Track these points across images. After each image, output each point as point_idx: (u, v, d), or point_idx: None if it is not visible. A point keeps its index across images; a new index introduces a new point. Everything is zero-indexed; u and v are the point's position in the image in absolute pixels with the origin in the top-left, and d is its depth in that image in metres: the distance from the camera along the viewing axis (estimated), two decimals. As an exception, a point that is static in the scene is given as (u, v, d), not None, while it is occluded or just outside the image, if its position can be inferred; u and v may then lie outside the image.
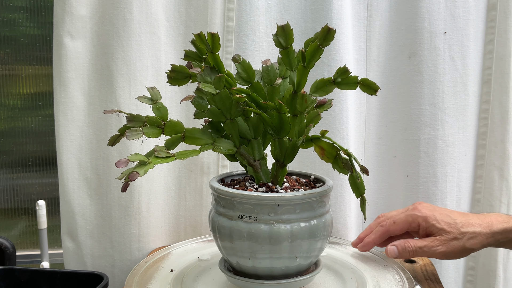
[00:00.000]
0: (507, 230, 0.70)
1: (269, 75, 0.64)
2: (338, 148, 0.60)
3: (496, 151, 0.97)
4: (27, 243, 1.15)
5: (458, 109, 0.94)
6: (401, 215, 0.73)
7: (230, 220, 0.59)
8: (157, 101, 0.61)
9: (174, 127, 0.60)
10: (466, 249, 0.70)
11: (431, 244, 0.70)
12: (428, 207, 0.73)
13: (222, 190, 0.59)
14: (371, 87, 0.59)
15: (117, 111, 0.58)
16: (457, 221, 0.70)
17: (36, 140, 1.12)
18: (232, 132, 0.62)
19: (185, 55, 0.63)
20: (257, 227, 0.57)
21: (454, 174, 0.95)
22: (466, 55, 0.93)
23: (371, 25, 0.95)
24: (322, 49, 0.59)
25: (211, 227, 0.63)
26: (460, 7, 0.92)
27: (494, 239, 0.70)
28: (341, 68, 0.60)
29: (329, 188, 0.62)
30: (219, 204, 0.61)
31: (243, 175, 0.69)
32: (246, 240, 0.58)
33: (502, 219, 0.71)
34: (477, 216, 0.72)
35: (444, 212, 0.72)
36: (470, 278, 1.00)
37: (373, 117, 0.97)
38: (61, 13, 0.84)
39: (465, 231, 0.69)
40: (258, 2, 0.89)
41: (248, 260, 0.59)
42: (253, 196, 0.57)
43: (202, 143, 0.61)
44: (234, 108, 0.61)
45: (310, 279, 0.63)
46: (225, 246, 0.61)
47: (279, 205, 0.57)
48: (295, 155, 0.64)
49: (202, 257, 0.74)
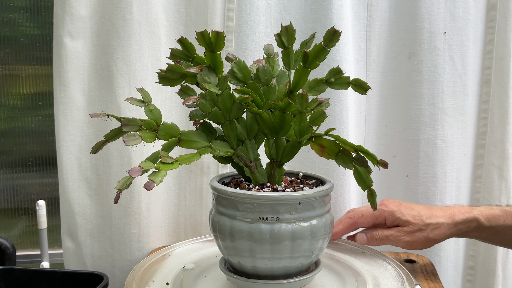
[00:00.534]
0: (468, 220, 0.75)
1: (265, 75, 0.64)
2: (340, 145, 0.60)
3: (496, 151, 0.97)
4: (27, 243, 1.15)
5: (457, 109, 0.94)
6: (369, 209, 0.76)
7: (249, 223, 0.58)
8: (148, 102, 0.59)
9: (168, 131, 0.59)
10: (429, 239, 0.75)
11: (396, 234, 0.75)
12: (394, 202, 0.78)
13: (241, 193, 0.57)
14: (362, 87, 0.61)
15: (106, 115, 0.57)
16: (422, 214, 0.75)
17: (36, 140, 1.12)
18: (230, 134, 0.62)
19: (171, 54, 0.61)
20: (279, 227, 0.57)
21: (454, 174, 0.95)
22: (465, 55, 0.93)
23: (371, 25, 0.95)
24: (328, 50, 0.60)
25: (212, 227, 0.62)
26: (460, 7, 0.92)
27: (456, 229, 0.75)
28: (334, 69, 0.61)
29: (331, 186, 0.62)
30: (221, 204, 0.61)
31: (231, 177, 0.68)
32: (267, 243, 0.57)
33: (464, 210, 0.76)
34: (441, 209, 0.77)
35: (409, 206, 0.77)
36: (469, 278, 1.00)
37: (373, 117, 0.97)
38: (61, 13, 0.84)
39: (429, 222, 0.74)
40: (258, 2, 0.89)
41: (268, 262, 0.59)
42: (275, 197, 0.57)
43: (199, 146, 0.60)
44: (234, 109, 0.60)
45: (310, 279, 0.63)
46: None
47: (300, 204, 0.58)
48: (295, 154, 0.64)
49: (187, 266, 0.73)
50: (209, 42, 0.59)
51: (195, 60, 0.61)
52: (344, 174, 0.92)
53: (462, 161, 0.96)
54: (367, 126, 0.97)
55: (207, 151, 0.60)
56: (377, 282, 0.68)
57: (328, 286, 0.67)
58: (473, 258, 1.00)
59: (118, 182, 0.54)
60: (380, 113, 0.97)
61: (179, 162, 0.56)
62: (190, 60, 0.61)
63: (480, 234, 0.76)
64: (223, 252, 0.63)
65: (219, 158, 0.64)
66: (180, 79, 0.60)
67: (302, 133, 0.62)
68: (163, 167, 0.54)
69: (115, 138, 0.58)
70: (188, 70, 0.59)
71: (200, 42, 0.59)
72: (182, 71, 0.59)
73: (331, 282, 0.69)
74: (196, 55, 0.61)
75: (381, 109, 0.97)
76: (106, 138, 0.58)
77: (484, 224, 0.75)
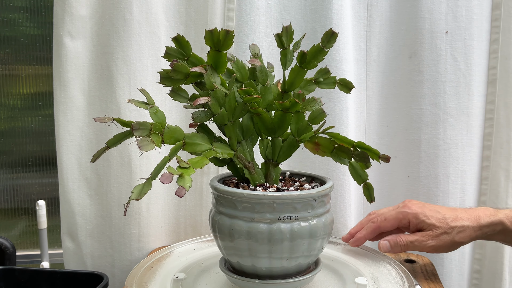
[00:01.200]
0: (493, 223, 0.73)
1: (262, 75, 0.64)
2: (335, 142, 0.61)
3: (502, 152, 0.96)
4: (27, 243, 1.15)
5: (461, 110, 0.93)
6: (392, 212, 0.75)
7: (268, 224, 0.57)
8: (152, 104, 0.57)
9: (173, 134, 0.57)
10: (455, 242, 0.73)
11: (421, 239, 0.72)
12: (417, 204, 0.75)
13: (260, 195, 0.57)
14: (347, 86, 0.64)
15: (111, 119, 0.55)
16: (446, 216, 0.73)
17: (36, 140, 1.12)
18: (232, 135, 0.61)
19: (165, 53, 0.60)
20: (298, 226, 0.58)
21: (457, 175, 0.94)
22: (469, 55, 0.93)
23: (371, 25, 0.94)
24: (326, 51, 0.61)
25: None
26: (463, 6, 0.91)
27: (481, 232, 0.73)
28: (322, 69, 0.63)
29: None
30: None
31: (223, 179, 0.67)
32: (286, 240, 0.57)
33: (489, 212, 0.74)
34: (465, 211, 0.75)
35: (434, 208, 0.74)
36: (476, 282, 0.99)
37: (374, 117, 0.97)
38: (61, 13, 0.85)
39: (454, 226, 0.73)
40: (258, 2, 0.89)
41: (286, 261, 0.59)
42: (294, 196, 0.57)
43: (202, 149, 0.59)
44: (238, 109, 0.60)
45: (310, 279, 0.63)
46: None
47: (316, 201, 0.59)
48: (292, 153, 0.64)
49: (180, 276, 0.72)
50: (217, 41, 0.57)
51: (190, 60, 0.60)
52: (344, 174, 0.91)
53: (467, 163, 0.95)
54: (368, 126, 0.97)
55: (212, 154, 0.59)
56: (377, 282, 0.67)
57: (328, 286, 0.67)
58: (479, 262, 0.99)
59: (132, 191, 0.52)
60: (381, 113, 0.97)
61: (193, 166, 0.55)
62: (185, 59, 0.60)
63: (505, 237, 0.75)
64: (227, 252, 0.62)
65: (215, 161, 0.63)
66: (183, 79, 0.58)
67: (301, 132, 0.62)
68: (185, 172, 0.53)
69: (118, 143, 0.57)
70: (193, 70, 0.57)
71: (207, 41, 0.58)
72: (187, 71, 0.58)
73: (330, 282, 0.68)
74: (192, 54, 0.60)
75: (382, 109, 0.97)
76: (108, 145, 0.56)
77: (509, 227, 0.73)
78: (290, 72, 0.62)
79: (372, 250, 0.78)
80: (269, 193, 0.57)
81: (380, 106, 0.96)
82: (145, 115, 0.87)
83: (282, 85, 0.63)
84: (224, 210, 0.60)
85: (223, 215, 0.60)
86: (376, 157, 0.60)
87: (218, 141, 0.62)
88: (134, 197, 0.52)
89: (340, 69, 0.89)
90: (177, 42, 0.60)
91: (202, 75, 0.58)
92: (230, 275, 0.62)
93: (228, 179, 0.67)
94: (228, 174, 0.68)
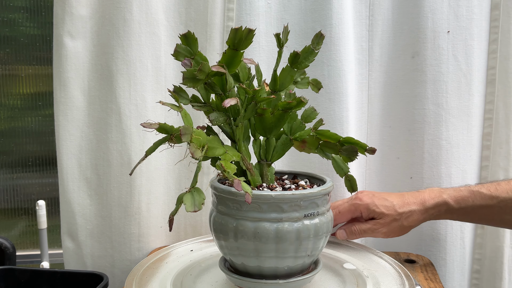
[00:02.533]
0: (438, 204, 0.78)
1: (258, 75, 0.65)
2: (320, 139, 0.62)
3: (501, 152, 0.95)
4: (27, 243, 1.15)
5: (462, 110, 0.93)
6: (345, 204, 0.80)
7: (295, 222, 0.58)
8: (181, 107, 0.56)
9: (198, 137, 0.55)
10: (404, 227, 0.79)
11: (373, 227, 0.78)
12: (368, 194, 0.80)
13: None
14: (316, 86, 0.67)
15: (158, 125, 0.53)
16: (394, 203, 0.78)
17: (36, 140, 1.12)
18: (241, 136, 0.61)
19: (175, 51, 0.59)
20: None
21: (459, 176, 0.94)
22: (470, 54, 0.92)
23: (373, 25, 0.94)
24: (316, 52, 0.63)
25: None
26: (463, 6, 0.91)
27: (428, 214, 0.79)
28: (301, 70, 0.65)
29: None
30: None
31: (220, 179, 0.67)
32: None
33: (434, 194, 0.79)
34: (412, 195, 0.80)
35: (383, 196, 0.79)
36: (475, 282, 0.99)
37: (376, 117, 0.97)
38: (61, 13, 0.85)
39: (402, 211, 0.78)
40: (258, 2, 0.88)
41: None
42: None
43: (220, 153, 0.58)
44: (249, 110, 0.59)
45: (310, 278, 0.63)
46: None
47: (320, 199, 0.60)
48: (285, 152, 0.65)
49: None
50: (239, 39, 0.56)
51: (196, 59, 0.59)
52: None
53: (467, 163, 0.95)
54: (370, 127, 0.97)
55: (229, 158, 0.58)
56: (377, 282, 0.67)
57: (328, 286, 0.67)
58: (479, 262, 0.99)
59: (184, 203, 0.51)
60: (384, 113, 0.96)
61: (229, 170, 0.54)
62: (192, 57, 0.59)
63: (451, 215, 0.80)
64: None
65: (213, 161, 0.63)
66: (205, 79, 0.57)
67: (294, 130, 0.63)
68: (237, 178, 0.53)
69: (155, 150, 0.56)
70: (213, 69, 0.56)
71: (229, 40, 0.57)
72: (209, 70, 0.56)
73: (331, 282, 0.68)
74: (198, 53, 0.59)
75: (384, 110, 0.96)
76: (147, 154, 0.56)
77: (453, 206, 0.78)
78: (281, 72, 0.63)
79: (373, 250, 0.78)
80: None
81: (383, 106, 0.96)
82: (145, 115, 0.87)
83: (272, 85, 0.64)
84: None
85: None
86: (362, 151, 0.61)
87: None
88: (190, 209, 0.51)
89: (341, 69, 0.89)
90: (185, 38, 0.58)
91: (216, 75, 0.57)
92: (232, 275, 0.62)
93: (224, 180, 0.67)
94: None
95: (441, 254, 0.94)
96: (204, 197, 0.53)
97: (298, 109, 0.61)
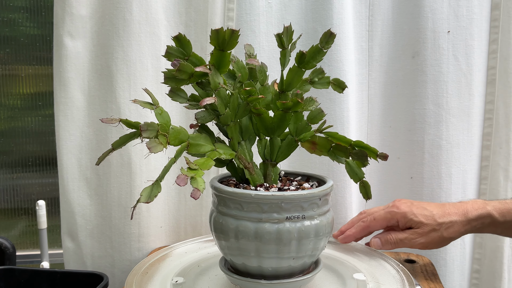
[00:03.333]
0: (482, 216, 0.73)
1: (261, 75, 0.64)
2: (332, 141, 0.61)
3: (501, 152, 0.95)
4: (27, 243, 1.15)
5: (462, 110, 0.93)
6: (381, 212, 0.76)
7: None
8: (157, 105, 0.57)
9: (177, 135, 0.56)
10: (444, 238, 0.74)
11: (411, 237, 0.74)
12: (406, 203, 0.76)
13: (267, 195, 0.57)
14: (340, 86, 0.64)
15: (117, 120, 0.54)
16: (434, 213, 0.74)
17: (36, 140, 1.12)
18: (234, 135, 0.61)
19: (166, 52, 0.59)
20: (305, 225, 0.58)
21: (459, 176, 0.94)
22: (470, 54, 0.92)
23: (373, 25, 0.94)
24: (324, 51, 0.61)
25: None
26: (464, 6, 0.91)
27: (470, 226, 0.74)
28: (317, 69, 0.63)
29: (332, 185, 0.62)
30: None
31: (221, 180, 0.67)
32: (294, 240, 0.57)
33: (477, 205, 0.74)
34: (454, 205, 0.75)
35: (421, 206, 0.75)
36: (475, 281, 0.99)
37: (376, 117, 0.97)
38: (61, 13, 0.85)
39: (442, 222, 0.73)
40: (258, 2, 0.88)
41: (292, 260, 0.59)
42: (302, 195, 0.57)
43: (206, 150, 0.58)
44: (241, 109, 0.60)
45: (310, 279, 0.63)
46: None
47: (321, 199, 0.59)
48: (291, 152, 0.64)
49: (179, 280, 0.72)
50: (222, 40, 0.57)
51: (191, 59, 0.60)
52: (345, 174, 0.91)
53: (468, 163, 0.95)
54: (371, 127, 0.97)
55: (215, 155, 0.58)
56: (377, 282, 0.67)
57: (328, 286, 0.67)
58: (478, 261, 0.99)
59: (141, 194, 0.52)
60: (384, 113, 0.96)
61: (200, 168, 0.54)
62: (186, 58, 0.59)
63: (495, 229, 0.75)
64: (225, 252, 0.62)
65: (216, 162, 0.62)
66: (187, 79, 0.58)
67: (299, 131, 0.62)
68: (197, 174, 0.53)
69: (124, 145, 0.56)
70: (197, 69, 0.57)
71: (212, 40, 0.57)
72: (191, 71, 0.57)
73: (331, 282, 0.68)
74: (192, 54, 0.60)
75: (384, 110, 0.96)
76: (113, 146, 0.56)
77: (498, 219, 0.73)
78: (288, 72, 0.62)
79: (373, 250, 0.77)
80: (278, 193, 0.57)
81: (383, 106, 0.96)
82: (145, 115, 0.87)
83: (280, 85, 0.63)
84: (228, 211, 0.60)
85: (228, 216, 0.59)
86: (374, 156, 0.60)
87: (218, 141, 0.62)
88: (144, 200, 0.51)
89: (341, 69, 0.89)
90: (178, 41, 0.59)
91: (205, 75, 0.58)
92: (233, 276, 0.62)
93: (226, 180, 0.67)
94: (225, 174, 0.68)
95: (441, 254, 0.94)
96: (160, 190, 0.53)
97: (304, 110, 0.61)
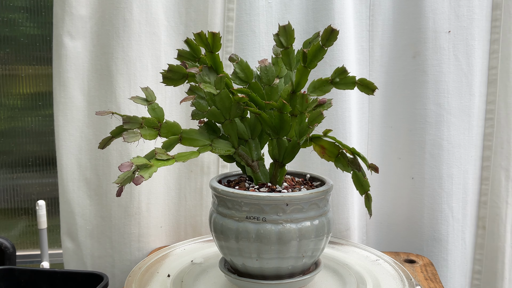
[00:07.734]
0: None
1: (267, 75, 0.64)
2: (340, 147, 0.59)
3: (502, 152, 0.95)
4: (27, 243, 1.15)
5: (463, 110, 0.93)
6: None
7: (237, 222, 0.58)
8: (152, 101, 0.60)
9: (170, 128, 0.60)
10: None
11: None
12: None
13: (228, 191, 0.58)
14: (368, 87, 0.58)
15: (110, 113, 0.57)
16: None
17: (36, 140, 1.12)
18: (231, 133, 0.62)
19: (178, 55, 0.63)
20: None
21: (460, 176, 0.94)
22: (471, 54, 0.92)
23: (374, 25, 0.94)
24: (325, 49, 0.58)
25: (213, 228, 0.62)
26: (464, 5, 0.91)
27: None
28: (339, 68, 0.59)
29: (331, 186, 0.62)
30: (224, 206, 0.60)
31: (239, 176, 0.69)
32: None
33: None
34: None
35: None
36: (476, 282, 0.99)
37: (377, 117, 0.96)
38: (61, 13, 0.85)
39: None
40: (258, 2, 0.88)
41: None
42: (261, 197, 0.57)
43: (200, 144, 0.60)
44: (233, 108, 0.60)
45: (310, 279, 0.63)
46: (230, 247, 0.60)
47: (288, 205, 0.57)
48: (295, 154, 0.63)
49: (196, 260, 0.72)
50: (207, 43, 0.59)
51: (201, 61, 0.62)
52: (347, 176, 0.91)
53: (469, 163, 0.94)
54: (371, 127, 0.96)
55: (207, 149, 0.60)
56: (377, 282, 0.67)
57: (328, 286, 0.67)
58: (479, 262, 0.99)
59: (118, 176, 0.55)
60: (385, 114, 0.96)
61: (176, 159, 0.57)
62: (196, 60, 0.62)
63: None
64: (225, 253, 0.62)
65: (224, 157, 0.65)
66: (182, 79, 0.61)
67: (302, 133, 0.61)
68: (155, 164, 0.55)
69: (120, 135, 0.59)
70: (189, 71, 0.60)
71: (198, 43, 0.60)
72: (184, 72, 0.60)
73: (330, 282, 0.68)
74: (202, 56, 0.62)
75: (385, 110, 0.96)
76: (112, 135, 0.59)
77: None
78: (296, 73, 0.61)
79: (373, 250, 0.77)
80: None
81: (383, 106, 0.96)
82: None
83: (291, 86, 0.63)
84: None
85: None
86: (366, 164, 0.59)
87: (223, 138, 0.63)
88: (118, 181, 0.54)
89: (342, 69, 0.89)
90: (188, 45, 0.62)
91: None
92: (232, 276, 0.62)
93: (236, 178, 0.68)
94: (232, 173, 0.69)
95: (442, 254, 0.94)
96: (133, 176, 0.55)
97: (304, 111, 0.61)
